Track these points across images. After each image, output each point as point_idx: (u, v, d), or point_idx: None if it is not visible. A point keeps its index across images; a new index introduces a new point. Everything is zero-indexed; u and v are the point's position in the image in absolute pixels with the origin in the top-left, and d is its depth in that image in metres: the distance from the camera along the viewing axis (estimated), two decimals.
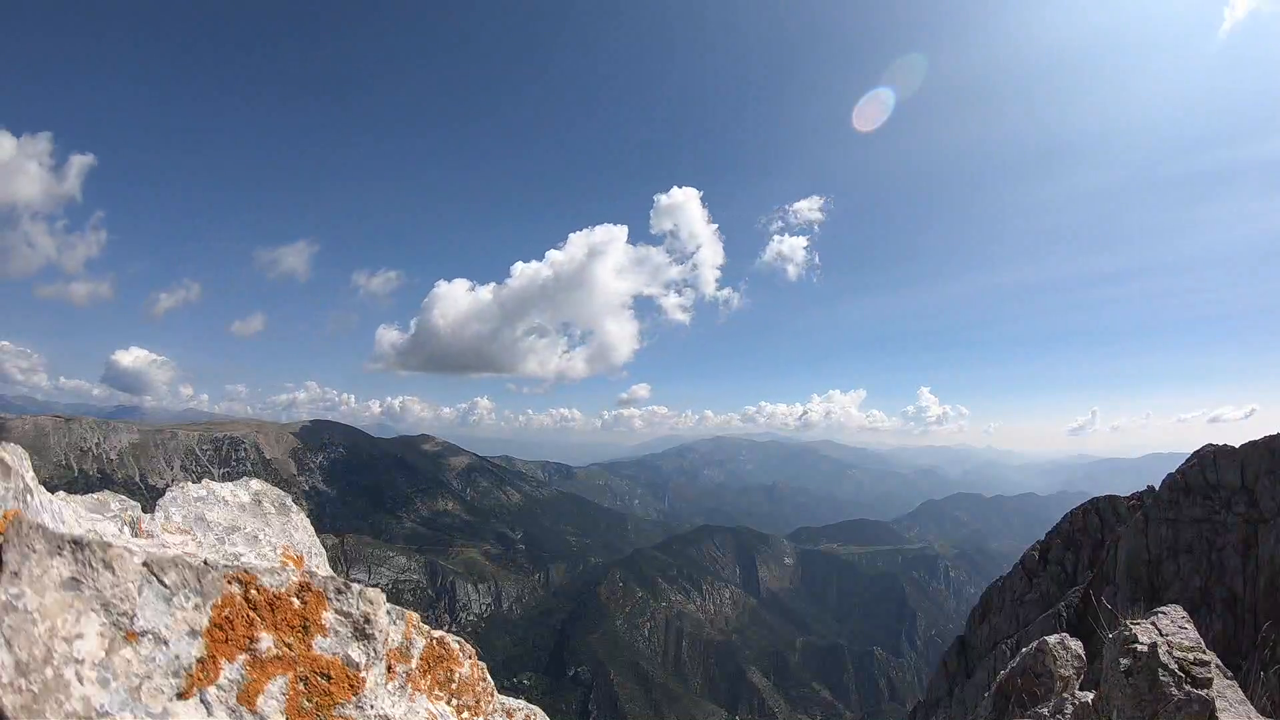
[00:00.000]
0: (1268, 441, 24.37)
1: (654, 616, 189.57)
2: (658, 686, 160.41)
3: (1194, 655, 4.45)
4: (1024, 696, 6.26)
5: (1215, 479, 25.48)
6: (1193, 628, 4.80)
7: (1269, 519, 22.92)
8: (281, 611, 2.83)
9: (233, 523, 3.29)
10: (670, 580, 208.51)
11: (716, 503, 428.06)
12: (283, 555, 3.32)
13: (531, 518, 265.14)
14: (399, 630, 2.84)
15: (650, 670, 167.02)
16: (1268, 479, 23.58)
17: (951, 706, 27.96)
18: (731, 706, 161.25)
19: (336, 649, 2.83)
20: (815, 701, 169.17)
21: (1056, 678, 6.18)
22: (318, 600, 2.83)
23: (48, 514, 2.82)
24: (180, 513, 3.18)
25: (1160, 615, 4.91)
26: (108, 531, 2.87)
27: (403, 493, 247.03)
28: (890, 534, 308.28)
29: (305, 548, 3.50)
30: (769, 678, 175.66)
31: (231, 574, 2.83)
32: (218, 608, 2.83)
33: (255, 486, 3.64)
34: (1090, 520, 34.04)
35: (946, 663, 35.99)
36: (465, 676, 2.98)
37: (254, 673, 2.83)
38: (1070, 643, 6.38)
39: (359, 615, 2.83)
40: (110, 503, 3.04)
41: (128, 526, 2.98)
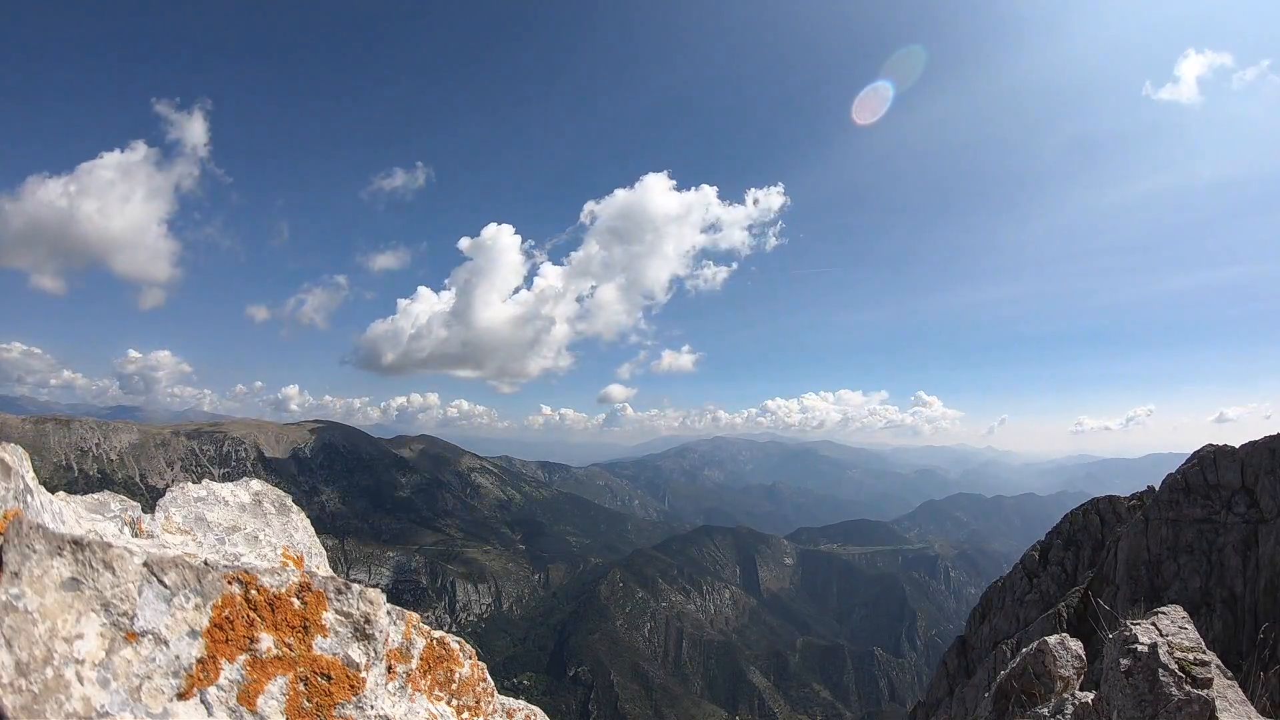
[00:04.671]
0: (1268, 441, 24.40)
1: (654, 617, 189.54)
2: (658, 687, 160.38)
3: (1194, 655, 4.45)
4: (1024, 697, 6.26)
5: (1215, 479, 25.50)
6: (1193, 628, 4.80)
7: (1269, 519, 22.93)
8: (282, 612, 2.83)
9: (233, 523, 3.29)
10: (670, 580, 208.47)
11: (716, 503, 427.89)
12: (283, 556, 3.32)
13: (531, 518, 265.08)
14: (399, 631, 2.84)
15: (650, 670, 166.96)
16: (1268, 479, 23.60)
17: (952, 706, 27.95)
18: (731, 707, 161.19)
19: (337, 649, 2.83)
20: (815, 702, 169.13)
21: (1056, 678, 6.18)
22: (318, 600, 2.83)
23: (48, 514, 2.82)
24: (180, 513, 3.18)
25: (1160, 615, 4.91)
26: (108, 532, 2.87)
27: (403, 493, 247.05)
28: (890, 534, 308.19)
29: (305, 548, 3.50)
30: (769, 678, 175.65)
31: (232, 574, 2.83)
32: (218, 608, 2.83)
33: (255, 487, 3.64)
34: (1090, 520, 34.06)
35: (946, 663, 36.01)
36: (465, 677, 2.98)
37: (254, 673, 2.83)
38: (1070, 643, 6.38)
39: (359, 615, 2.83)
40: (110, 503, 3.04)
41: (128, 527, 2.98)
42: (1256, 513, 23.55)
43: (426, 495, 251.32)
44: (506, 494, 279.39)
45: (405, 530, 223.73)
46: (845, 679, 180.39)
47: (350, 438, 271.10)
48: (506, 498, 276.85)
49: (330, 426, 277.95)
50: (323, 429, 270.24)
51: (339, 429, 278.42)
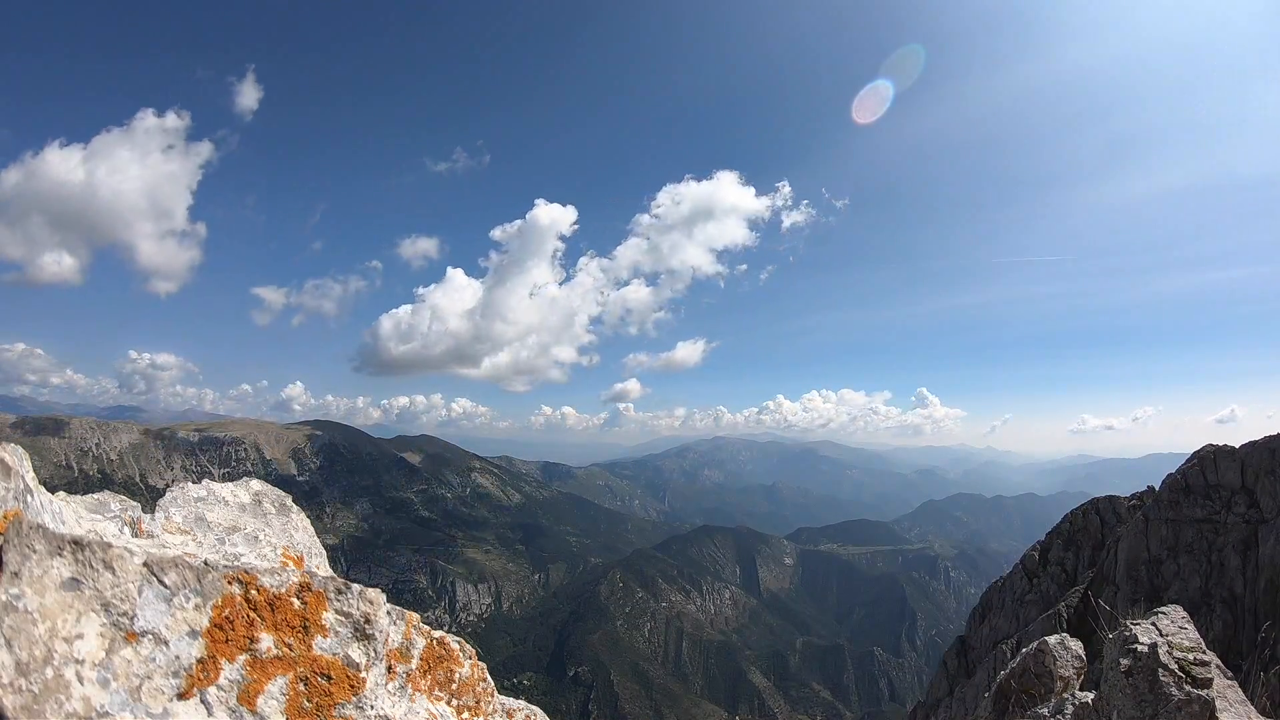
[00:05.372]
0: (1268, 441, 24.42)
1: (654, 617, 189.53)
2: (658, 687, 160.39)
3: (1194, 655, 4.45)
4: (1024, 697, 6.26)
5: (1215, 479, 25.51)
6: (1193, 628, 4.80)
7: (1269, 519, 22.94)
8: (282, 612, 2.83)
9: (233, 523, 3.29)
10: (670, 580, 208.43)
11: (716, 503, 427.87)
12: (283, 555, 3.32)
13: (531, 518, 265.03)
14: (399, 631, 2.84)
15: (650, 670, 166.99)
16: (1268, 479, 23.61)
17: (952, 706, 27.96)
18: (731, 707, 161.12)
19: (337, 649, 2.83)
20: (816, 702, 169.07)
21: (1056, 678, 6.18)
22: (318, 601, 2.83)
23: (48, 514, 2.82)
24: (180, 513, 3.18)
25: (1160, 615, 4.90)
26: (108, 532, 2.87)
27: (403, 493, 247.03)
28: (890, 534, 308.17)
29: (305, 548, 3.50)
30: (769, 678, 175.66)
31: (232, 574, 2.83)
32: (218, 608, 2.83)
33: (255, 487, 3.64)
34: (1090, 520, 34.07)
35: (947, 663, 36.03)
36: (465, 677, 2.98)
37: (254, 673, 2.83)
38: (1070, 643, 6.38)
39: (359, 615, 2.83)
40: (110, 503, 3.05)
41: (128, 527, 2.98)
42: (1256, 513, 23.56)
43: (426, 495, 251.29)
44: (506, 494, 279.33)
45: (405, 530, 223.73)
46: (845, 679, 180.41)
47: (350, 438, 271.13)
48: (506, 498, 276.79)
49: (331, 426, 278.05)
50: (323, 429, 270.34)
51: (339, 429, 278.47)
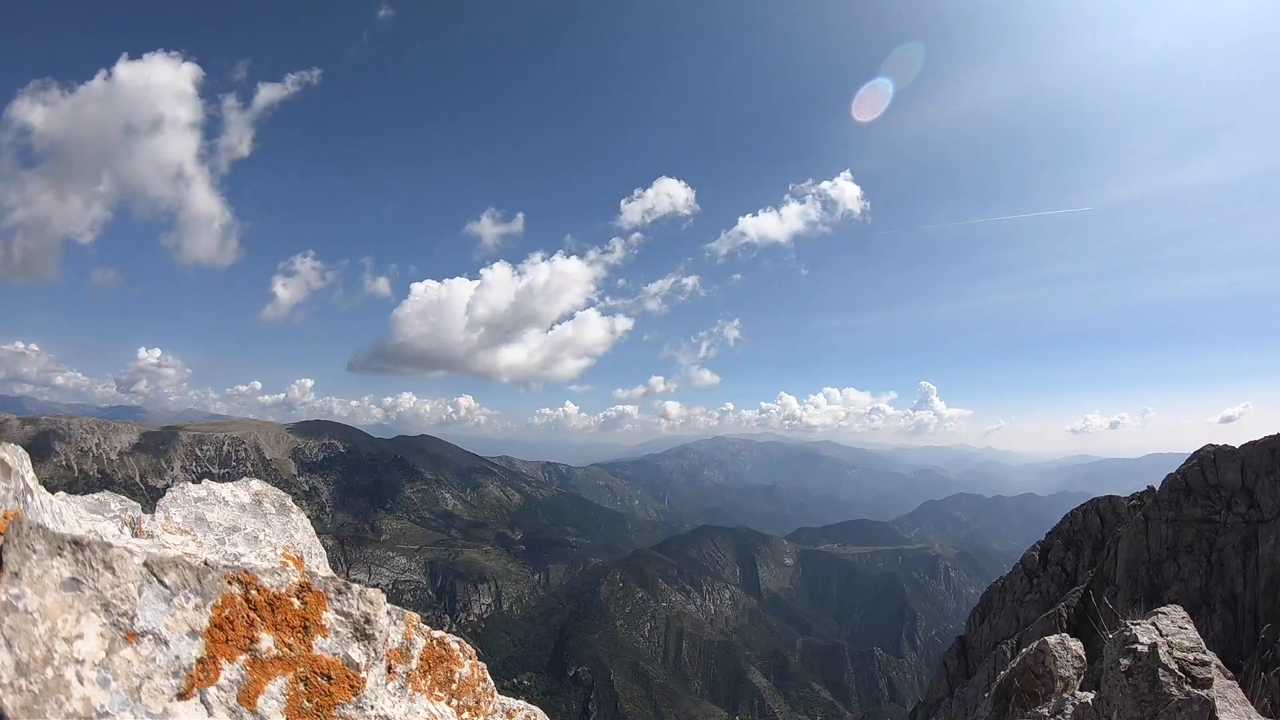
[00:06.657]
0: (1268, 441, 24.41)
1: (654, 617, 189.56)
2: (658, 687, 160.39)
3: (1194, 655, 4.45)
4: (1024, 697, 6.26)
5: (1215, 479, 25.51)
6: (1193, 628, 4.80)
7: (1269, 519, 22.94)
8: (282, 612, 2.83)
9: (233, 523, 3.29)
10: (670, 580, 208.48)
11: (716, 503, 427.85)
12: (283, 556, 3.32)
13: (531, 518, 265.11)
14: (399, 631, 2.83)
15: (650, 670, 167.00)
16: (1268, 479, 23.60)
17: (952, 706, 27.97)
18: (732, 707, 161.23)
19: (337, 649, 2.83)
20: (816, 702, 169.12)
21: (1056, 678, 6.18)
22: (318, 601, 2.83)
23: (48, 514, 2.82)
24: (180, 513, 3.18)
25: (1160, 615, 4.91)
26: (108, 532, 2.87)
27: (403, 493, 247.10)
28: (890, 534, 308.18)
29: (305, 548, 3.50)
30: (769, 678, 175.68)
31: (232, 574, 2.83)
32: (218, 608, 2.83)
33: (255, 487, 3.64)
34: (1090, 520, 34.09)
35: (946, 663, 36.04)
36: (465, 677, 2.98)
37: (254, 673, 2.83)
38: (1070, 643, 6.38)
39: (359, 616, 2.83)
40: (110, 503, 3.05)
41: (128, 527, 2.98)
42: (1256, 513, 23.56)
43: (427, 495, 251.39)
44: (507, 494, 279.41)
45: (405, 530, 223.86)
46: (845, 679, 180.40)
47: (351, 438, 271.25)
48: (507, 498, 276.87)
49: (331, 426, 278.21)
50: (323, 428, 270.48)
51: (339, 429, 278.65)
